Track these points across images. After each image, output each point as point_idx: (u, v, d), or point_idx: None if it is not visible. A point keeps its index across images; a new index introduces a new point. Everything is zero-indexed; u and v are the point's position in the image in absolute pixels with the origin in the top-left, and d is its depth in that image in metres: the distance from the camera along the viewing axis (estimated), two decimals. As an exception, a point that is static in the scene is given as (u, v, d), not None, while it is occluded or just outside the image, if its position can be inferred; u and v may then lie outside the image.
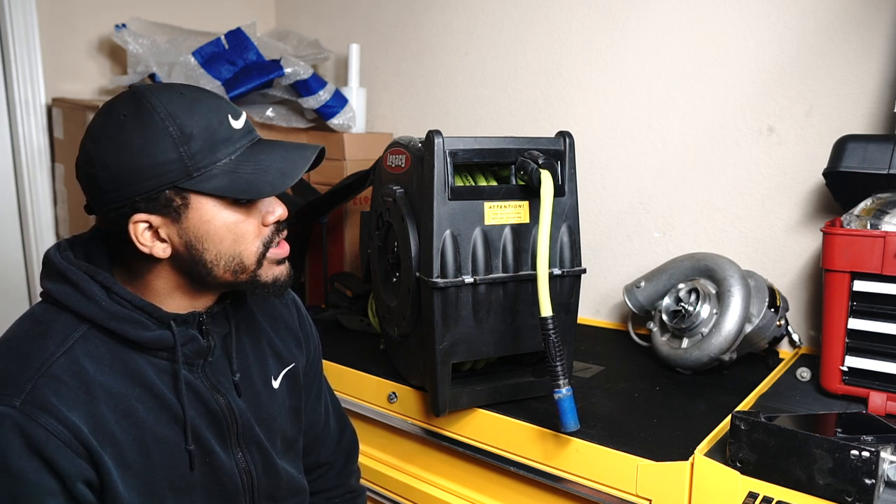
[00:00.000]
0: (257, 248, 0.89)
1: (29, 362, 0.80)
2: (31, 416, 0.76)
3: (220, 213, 0.85)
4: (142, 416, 0.84)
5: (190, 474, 0.88)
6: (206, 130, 0.83)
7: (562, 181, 1.15)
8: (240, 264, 0.88)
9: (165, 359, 0.88)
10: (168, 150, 0.81)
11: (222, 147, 0.84)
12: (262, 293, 0.92)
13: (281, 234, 0.92)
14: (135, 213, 0.83)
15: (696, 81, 1.57)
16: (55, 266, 0.86)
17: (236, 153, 0.85)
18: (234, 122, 0.86)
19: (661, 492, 0.98)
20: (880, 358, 1.14)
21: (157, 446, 0.85)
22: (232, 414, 0.93)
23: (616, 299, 1.74)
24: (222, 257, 0.87)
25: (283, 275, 0.93)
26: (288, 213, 0.92)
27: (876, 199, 1.20)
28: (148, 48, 1.91)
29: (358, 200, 1.94)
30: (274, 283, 0.92)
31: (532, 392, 1.22)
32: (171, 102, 0.83)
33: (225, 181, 0.83)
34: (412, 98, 2.09)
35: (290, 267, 0.95)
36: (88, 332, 0.84)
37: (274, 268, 0.91)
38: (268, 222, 0.90)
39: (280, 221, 0.91)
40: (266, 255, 0.90)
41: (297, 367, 1.05)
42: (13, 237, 2.02)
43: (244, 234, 0.87)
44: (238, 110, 0.88)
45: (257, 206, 0.89)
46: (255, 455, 0.96)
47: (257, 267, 0.89)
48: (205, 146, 0.82)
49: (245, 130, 0.87)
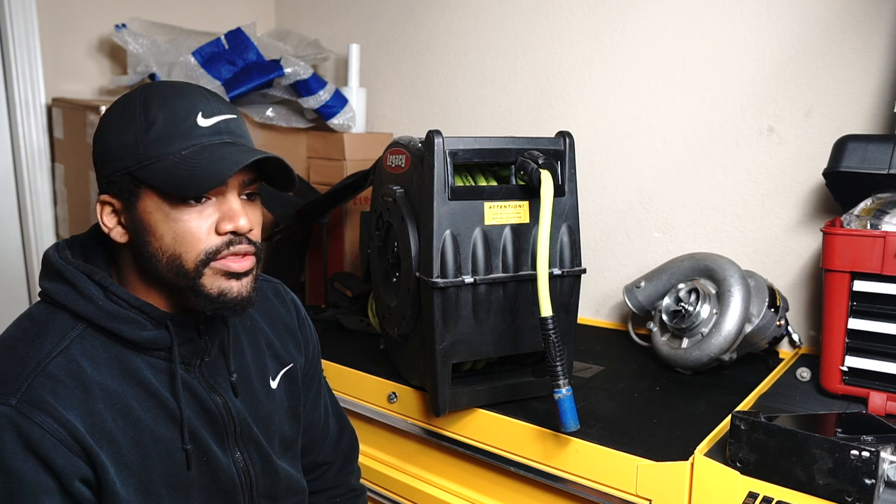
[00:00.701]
0: (198, 253, 0.83)
1: (26, 361, 0.80)
2: (27, 414, 0.76)
3: (162, 207, 0.82)
4: (139, 414, 0.84)
5: (187, 473, 0.88)
6: (168, 122, 0.81)
7: (562, 181, 1.15)
8: (179, 266, 0.83)
9: (162, 358, 0.88)
10: (130, 135, 0.82)
11: (178, 141, 0.81)
12: (206, 306, 0.85)
13: (235, 247, 0.84)
14: (102, 194, 0.85)
15: (696, 81, 1.57)
16: (53, 265, 0.86)
17: (188, 149, 0.81)
18: (203, 119, 0.83)
19: (661, 492, 0.98)
20: (880, 358, 1.14)
21: (153, 445, 0.85)
22: (229, 414, 0.93)
23: (616, 299, 1.74)
24: (164, 254, 0.83)
25: (231, 291, 0.85)
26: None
27: (876, 199, 1.20)
28: (148, 48, 1.91)
29: (358, 200, 1.94)
30: (220, 296, 0.84)
31: (532, 392, 1.22)
32: (154, 92, 0.83)
33: (164, 175, 0.81)
34: (412, 98, 2.09)
35: (250, 286, 0.87)
36: (85, 331, 0.84)
37: (221, 280, 0.84)
38: (221, 230, 0.83)
39: (238, 234, 0.84)
40: (210, 263, 0.83)
41: (295, 367, 1.05)
42: (13, 237, 2.02)
43: (185, 234, 0.82)
44: (217, 110, 0.84)
45: (213, 208, 0.84)
46: (254, 455, 0.96)
47: (196, 275, 0.83)
48: (160, 137, 0.81)
49: (212, 130, 0.83)
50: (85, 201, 1.88)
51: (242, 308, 0.87)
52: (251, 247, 0.86)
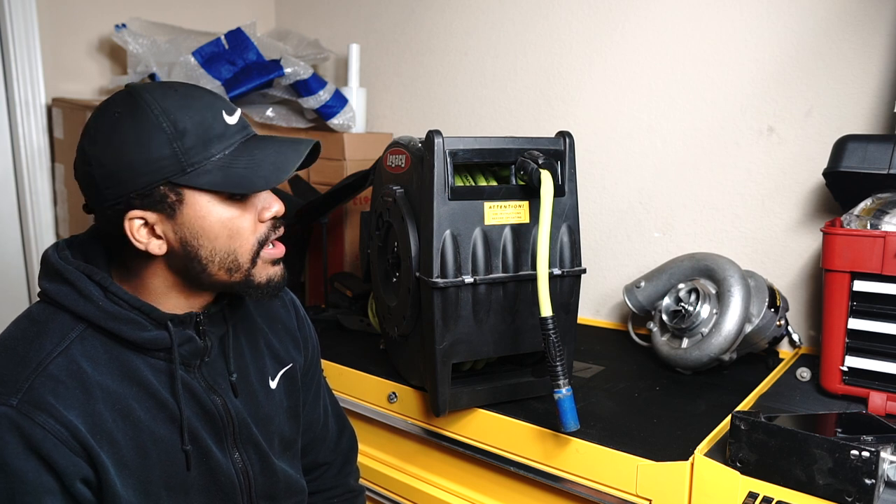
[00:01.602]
0: (252, 244, 0.88)
1: (26, 362, 0.80)
2: (29, 415, 0.77)
3: (214, 209, 0.85)
4: (139, 415, 0.84)
5: (187, 474, 0.88)
6: (199, 126, 0.83)
7: (562, 181, 1.15)
8: (234, 262, 0.87)
9: (162, 359, 0.88)
10: (162, 145, 0.81)
11: (216, 142, 0.83)
12: (255, 294, 0.91)
13: (277, 231, 0.91)
14: (130, 210, 0.83)
15: (696, 81, 1.57)
16: (53, 266, 0.86)
17: (230, 148, 0.85)
18: (228, 117, 0.86)
19: (661, 492, 0.98)
20: (880, 358, 1.14)
21: (153, 446, 0.85)
22: (228, 414, 0.93)
23: (616, 299, 1.74)
24: (217, 254, 0.86)
25: (277, 276, 0.92)
26: (285, 211, 0.91)
27: (876, 199, 1.20)
28: (148, 48, 1.91)
29: (358, 200, 1.94)
30: (268, 283, 0.91)
31: (532, 392, 1.22)
32: (165, 99, 0.83)
33: (219, 176, 0.83)
34: (412, 98, 2.09)
35: (285, 269, 0.94)
36: (85, 331, 0.84)
37: (269, 268, 0.91)
38: (264, 218, 0.89)
39: (276, 218, 0.90)
40: (260, 253, 0.89)
41: (294, 367, 1.05)
42: (13, 237, 2.02)
43: (239, 230, 0.87)
44: (232, 106, 0.88)
45: (252, 202, 0.88)
46: (253, 455, 0.96)
47: (251, 266, 0.89)
48: (198, 141, 0.82)
49: (239, 126, 0.87)
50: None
51: (282, 289, 0.94)
52: (283, 229, 0.92)
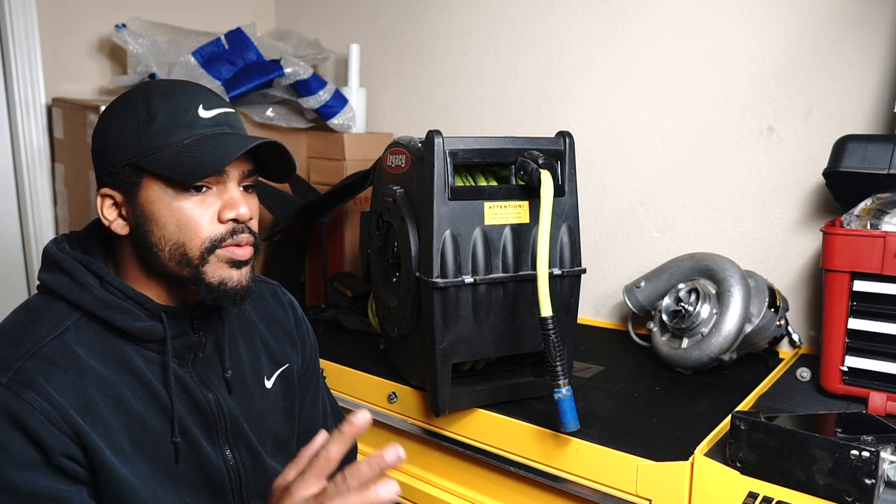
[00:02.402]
0: (203, 240, 0.85)
1: (20, 345, 0.81)
2: (17, 392, 0.78)
3: (165, 196, 0.84)
4: (131, 403, 0.85)
5: (175, 467, 0.88)
6: (170, 113, 0.84)
7: (562, 181, 1.15)
8: (183, 255, 0.85)
9: (155, 351, 0.88)
10: (132, 128, 0.84)
11: (180, 131, 0.84)
12: (207, 296, 0.86)
13: (238, 235, 0.86)
14: (102, 187, 0.87)
15: (696, 81, 1.57)
16: (51, 257, 0.88)
17: (190, 139, 0.84)
18: (204, 111, 0.85)
19: (661, 492, 0.98)
20: (880, 358, 1.14)
21: (144, 435, 0.86)
22: (220, 411, 0.93)
23: (616, 299, 1.74)
24: (166, 243, 0.85)
25: (232, 280, 0.86)
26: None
27: (876, 199, 1.20)
28: (148, 48, 1.91)
29: (358, 200, 1.94)
30: (220, 286, 0.86)
31: (532, 392, 1.22)
32: (155, 88, 0.86)
33: (167, 163, 0.83)
34: (412, 98, 2.09)
35: (249, 275, 0.89)
36: (80, 320, 0.85)
37: (223, 269, 0.86)
38: (223, 218, 0.85)
39: (240, 222, 0.86)
40: (214, 251, 0.85)
41: (291, 368, 1.05)
42: (13, 237, 2.02)
43: (188, 222, 0.84)
44: (216, 103, 0.87)
45: (213, 198, 0.86)
46: (244, 453, 0.96)
47: (201, 262, 0.85)
48: (163, 128, 0.83)
49: (212, 121, 0.85)
50: (85, 201, 1.88)
51: (242, 298, 0.88)
52: (251, 236, 0.88)
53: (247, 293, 0.89)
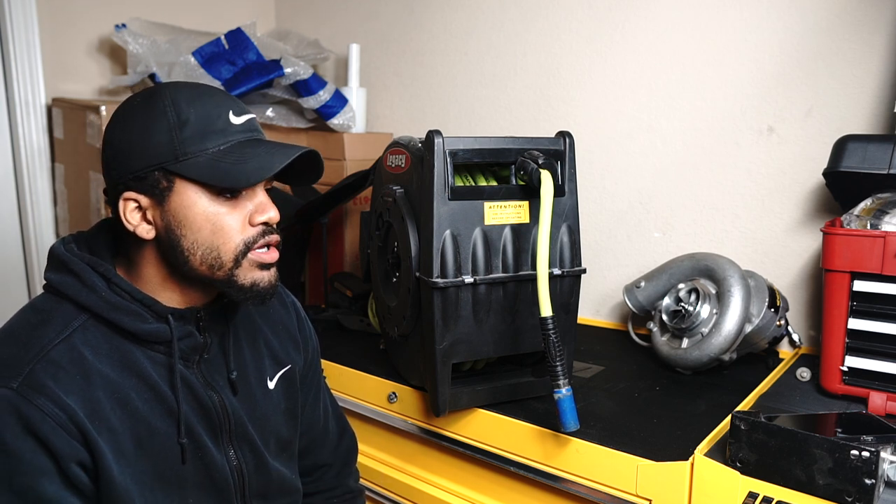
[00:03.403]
0: (237, 244, 0.86)
1: (28, 347, 0.81)
2: (28, 397, 0.78)
3: (200, 201, 0.85)
4: (137, 405, 0.85)
5: (181, 468, 0.89)
6: (201, 119, 0.85)
7: (562, 181, 1.15)
8: (217, 258, 0.86)
9: (162, 352, 0.89)
10: (162, 132, 0.84)
11: (213, 137, 0.84)
12: (238, 296, 0.89)
13: (268, 237, 0.89)
14: (126, 191, 0.86)
15: (696, 81, 1.57)
16: (58, 257, 0.88)
17: (226, 145, 0.85)
18: (235, 117, 0.87)
19: (661, 492, 0.98)
20: (880, 358, 1.14)
21: (150, 437, 0.86)
22: (225, 411, 0.93)
23: (616, 299, 1.74)
24: (199, 247, 0.86)
25: (263, 280, 0.89)
26: (281, 219, 0.91)
27: (876, 199, 1.20)
28: (148, 48, 1.91)
29: (358, 200, 1.94)
30: (252, 287, 0.88)
31: (532, 392, 1.22)
32: (179, 92, 0.86)
33: (206, 168, 0.84)
34: (412, 98, 2.09)
35: (276, 276, 0.92)
36: (88, 321, 0.85)
37: (255, 271, 0.88)
38: (254, 222, 0.87)
39: (269, 225, 0.89)
40: (247, 255, 0.87)
41: (293, 369, 1.05)
42: (13, 237, 2.02)
43: (223, 227, 0.86)
44: (244, 109, 0.89)
45: (244, 202, 0.87)
46: (247, 453, 0.96)
47: (234, 266, 0.87)
48: (196, 134, 0.84)
49: (244, 127, 0.87)
50: (85, 201, 1.88)
51: (270, 296, 0.91)
52: (278, 237, 0.91)
53: (273, 292, 0.92)
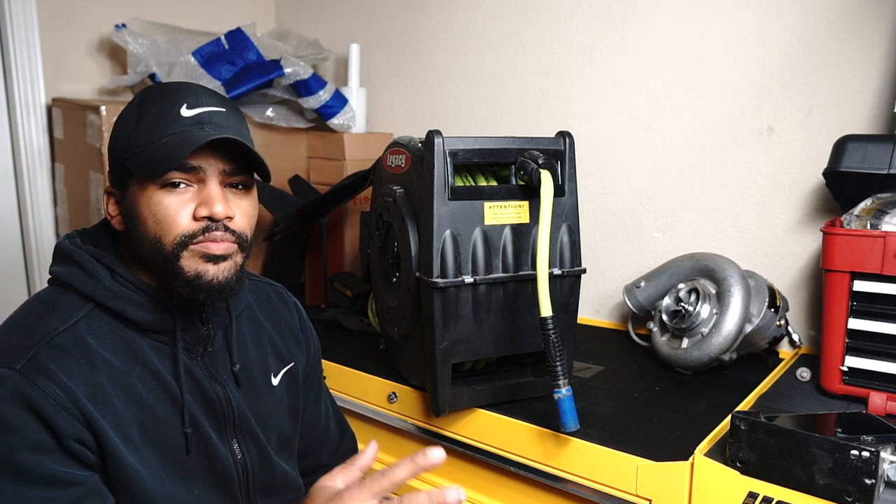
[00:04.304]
0: (175, 236, 0.84)
1: (32, 334, 0.83)
2: (30, 378, 0.78)
3: (146, 193, 0.85)
4: (141, 394, 0.86)
5: (185, 458, 0.89)
6: (154, 114, 0.86)
7: (562, 181, 1.15)
8: (160, 250, 0.85)
9: (165, 342, 0.89)
10: (125, 128, 0.88)
11: (161, 130, 0.85)
12: (185, 291, 0.85)
13: (211, 233, 0.85)
14: (108, 185, 0.91)
15: (696, 81, 1.57)
16: (63, 250, 0.90)
17: (169, 137, 0.84)
18: (187, 110, 0.86)
19: (661, 492, 0.98)
20: (880, 358, 1.14)
21: (154, 426, 0.86)
22: (229, 404, 0.93)
23: (616, 299, 1.74)
24: (147, 237, 0.86)
25: (208, 273, 0.85)
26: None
27: (876, 199, 1.20)
28: (148, 48, 1.91)
29: (358, 200, 1.94)
30: (196, 279, 0.85)
31: (532, 392, 1.22)
32: (151, 90, 0.89)
33: (142, 160, 0.85)
34: (412, 98, 2.09)
35: (230, 272, 0.87)
36: (92, 311, 0.86)
37: (199, 262, 0.85)
38: (197, 215, 0.85)
39: (216, 221, 0.85)
40: (187, 246, 0.84)
41: (296, 367, 1.06)
42: (13, 237, 2.02)
43: (163, 218, 0.84)
44: (201, 102, 0.87)
45: (191, 195, 0.85)
46: (252, 448, 0.96)
47: (174, 258, 0.84)
48: (147, 127, 0.85)
49: (194, 120, 0.85)
50: (85, 201, 1.88)
51: (219, 292, 0.87)
52: (229, 234, 0.87)
53: (224, 289, 0.87)
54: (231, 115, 0.90)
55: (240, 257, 0.89)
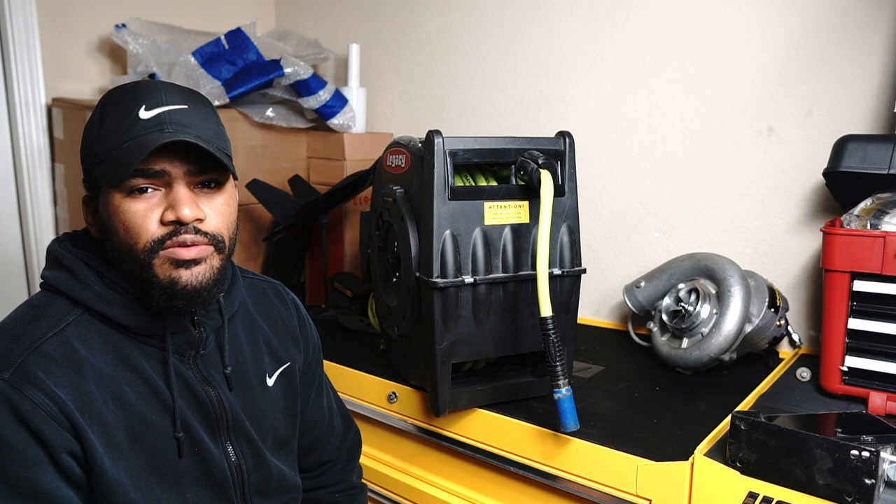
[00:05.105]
0: (144, 243, 0.82)
1: (20, 340, 0.82)
2: (19, 388, 0.78)
3: (113, 201, 0.83)
4: (131, 400, 0.85)
5: (178, 462, 0.88)
6: (115, 119, 0.83)
7: (562, 181, 1.15)
8: (134, 259, 0.83)
9: (156, 346, 0.89)
10: (90, 134, 0.86)
11: (120, 135, 0.82)
12: (162, 299, 0.84)
13: (180, 237, 0.83)
14: (85, 193, 0.89)
15: (696, 81, 1.57)
16: (53, 255, 0.89)
17: (128, 142, 0.81)
18: (145, 112, 0.82)
19: (661, 492, 0.98)
20: (880, 358, 1.14)
21: (144, 431, 0.86)
22: (222, 407, 0.93)
23: (616, 299, 1.74)
24: (120, 247, 0.84)
25: (181, 279, 0.83)
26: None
27: (876, 199, 1.20)
28: (148, 48, 1.91)
29: (358, 200, 1.94)
30: (171, 284, 0.83)
31: (532, 392, 1.22)
32: (112, 93, 0.86)
33: (106, 168, 0.82)
34: (412, 98, 2.09)
35: (204, 276, 0.85)
36: (81, 316, 0.85)
37: (170, 269, 0.83)
38: (164, 220, 0.83)
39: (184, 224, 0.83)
40: (157, 253, 0.82)
41: (293, 366, 1.05)
42: (13, 237, 2.02)
43: (132, 225, 0.82)
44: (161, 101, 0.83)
45: (158, 200, 0.83)
46: (246, 450, 0.96)
47: (146, 265, 0.83)
48: (108, 133, 0.83)
49: (153, 122, 0.82)
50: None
51: (195, 298, 0.85)
52: (199, 237, 0.84)
53: (199, 294, 0.85)
54: (194, 111, 0.85)
55: (216, 259, 0.86)
